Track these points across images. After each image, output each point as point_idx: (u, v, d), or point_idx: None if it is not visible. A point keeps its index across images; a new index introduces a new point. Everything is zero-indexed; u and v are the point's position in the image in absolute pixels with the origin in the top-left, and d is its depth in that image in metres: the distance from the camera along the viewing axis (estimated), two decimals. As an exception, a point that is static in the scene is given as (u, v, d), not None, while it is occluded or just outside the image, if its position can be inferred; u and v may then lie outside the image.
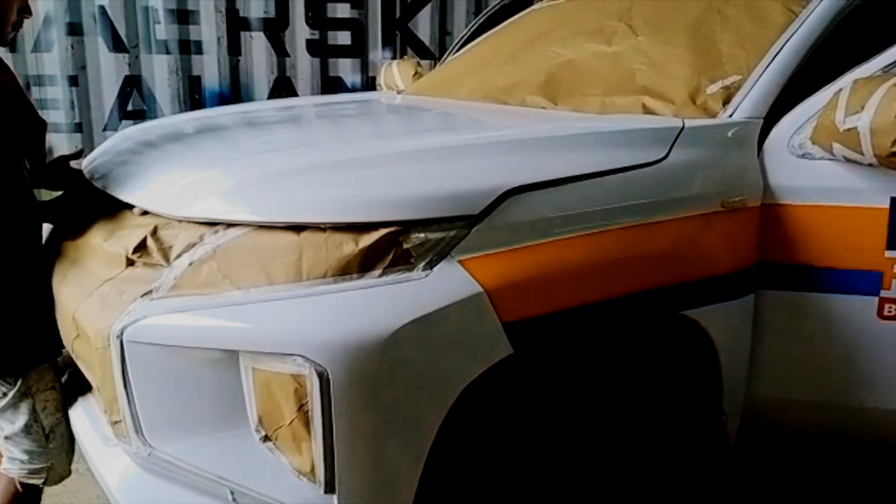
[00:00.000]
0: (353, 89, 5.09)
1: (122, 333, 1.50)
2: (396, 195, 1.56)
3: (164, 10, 4.53)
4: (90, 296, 1.62)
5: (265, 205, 1.58)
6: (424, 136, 2.18)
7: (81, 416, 1.86)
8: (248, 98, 4.93)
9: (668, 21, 2.48)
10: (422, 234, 1.52)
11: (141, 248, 1.61)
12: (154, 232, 1.62)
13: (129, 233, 1.67)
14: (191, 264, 1.54)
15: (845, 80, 1.92)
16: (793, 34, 2.13)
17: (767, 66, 2.07)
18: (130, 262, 1.62)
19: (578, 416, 1.79)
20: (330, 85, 5.09)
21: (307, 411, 1.42)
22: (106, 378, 1.55)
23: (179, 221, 1.64)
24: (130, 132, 2.37)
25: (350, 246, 1.49)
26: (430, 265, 1.51)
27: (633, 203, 1.75)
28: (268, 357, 1.44)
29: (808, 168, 1.94)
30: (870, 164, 1.80)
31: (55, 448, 1.85)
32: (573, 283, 1.64)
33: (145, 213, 1.70)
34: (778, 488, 2.42)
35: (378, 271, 1.49)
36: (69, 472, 1.92)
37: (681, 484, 2.00)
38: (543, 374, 1.70)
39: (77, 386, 1.92)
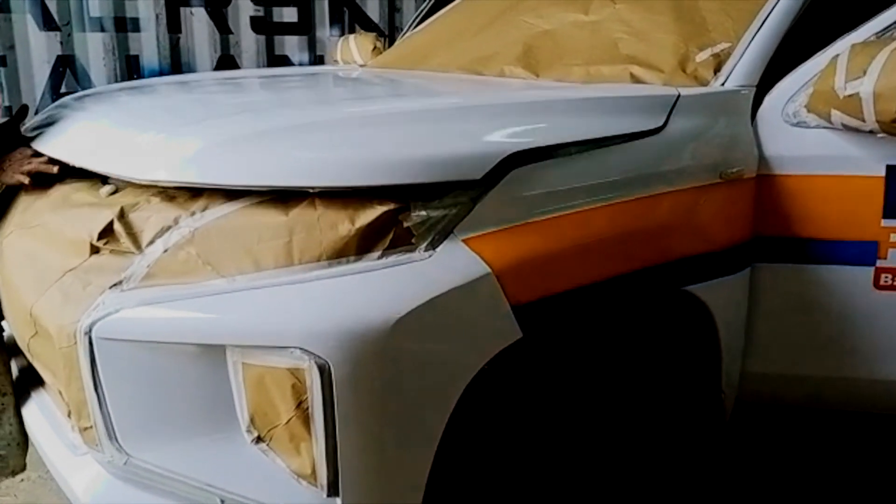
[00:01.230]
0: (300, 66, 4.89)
1: (90, 330, 1.34)
2: (393, 156, 1.42)
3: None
4: (49, 288, 1.44)
5: (245, 167, 1.41)
6: (411, 99, 2.04)
7: (39, 419, 1.68)
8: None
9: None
10: (423, 212, 1.39)
11: (107, 233, 1.44)
12: (121, 215, 1.45)
13: (92, 216, 1.49)
14: (166, 250, 1.39)
15: (840, 46, 1.87)
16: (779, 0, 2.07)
17: (757, 32, 2.01)
18: (95, 250, 1.45)
19: (583, 398, 1.70)
20: (276, 63, 4.88)
21: (306, 408, 1.29)
22: (72, 380, 1.39)
23: (149, 200, 1.47)
24: (68, 100, 2.16)
25: (346, 226, 1.36)
26: (433, 245, 1.39)
27: (637, 174, 1.67)
28: (260, 351, 1.30)
29: (802, 137, 1.88)
30: (870, 131, 1.75)
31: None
32: (580, 261, 1.55)
33: (115, 192, 1.52)
34: (772, 463, 2.39)
35: (377, 253, 1.36)
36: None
37: (681, 461, 1.94)
38: (549, 357, 1.60)
39: (29, 382, 1.74)
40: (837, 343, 1.98)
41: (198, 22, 4.60)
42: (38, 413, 1.67)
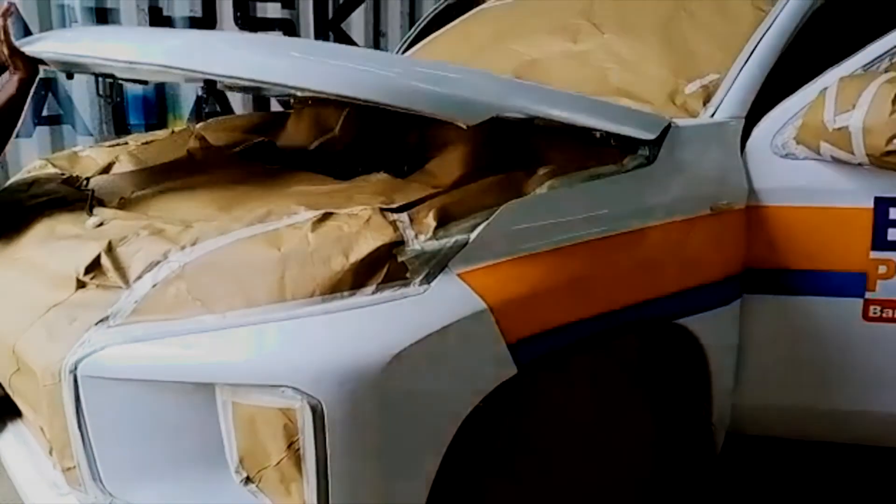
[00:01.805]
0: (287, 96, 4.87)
1: (75, 368, 1.31)
2: None
3: (81, 9, 4.20)
4: (33, 324, 1.41)
5: None
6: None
7: (18, 456, 1.63)
8: (174, 103, 4.65)
9: (634, 18, 2.42)
10: (417, 246, 1.38)
11: (94, 267, 1.41)
12: (109, 248, 1.42)
13: (79, 249, 1.46)
14: (154, 286, 1.36)
15: (828, 79, 1.89)
16: (766, 31, 2.09)
17: (745, 64, 2.02)
18: (81, 284, 1.42)
19: (575, 432, 1.68)
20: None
21: (298, 449, 1.26)
22: (56, 419, 1.35)
23: (137, 233, 1.45)
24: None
25: (340, 260, 1.34)
26: (428, 279, 1.37)
27: (629, 206, 1.66)
28: (250, 390, 1.27)
29: (791, 169, 1.89)
30: (860, 164, 1.76)
31: None
32: (573, 296, 1.53)
33: (101, 224, 1.49)
34: (763, 497, 2.38)
35: (371, 288, 1.34)
36: None
37: (672, 495, 1.92)
38: (542, 392, 1.58)
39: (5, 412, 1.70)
40: (827, 375, 1.98)
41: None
42: (17, 450, 1.62)
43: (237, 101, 4.85)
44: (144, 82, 2.28)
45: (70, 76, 2.12)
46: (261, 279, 1.33)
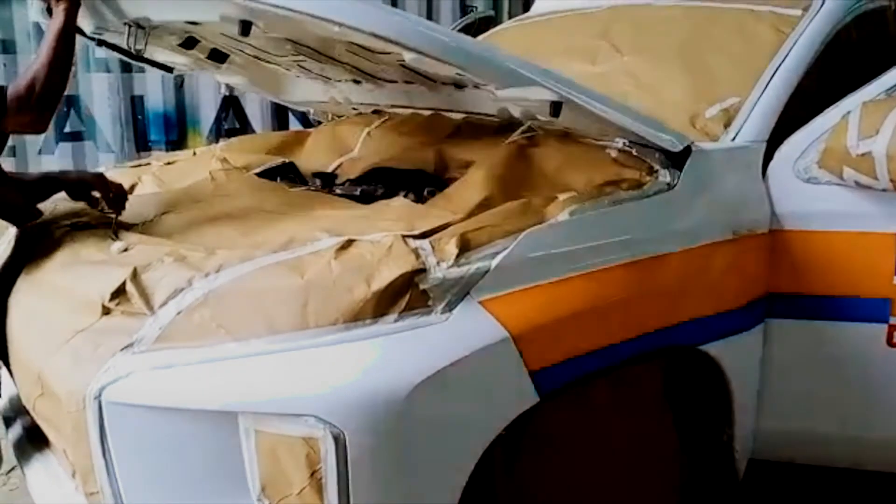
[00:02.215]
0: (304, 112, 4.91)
1: (100, 394, 1.32)
2: None
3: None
4: (59, 349, 1.42)
5: None
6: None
7: (42, 479, 1.65)
8: (193, 119, 4.70)
9: (654, 41, 2.42)
10: (439, 274, 1.38)
11: (119, 293, 1.42)
12: (134, 275, 1.43)
13: (104, 275, 1.48)
14: (179, 312, 1.37)
15: (849, 103, 1.88)
16: (787, 54, 2.09)
17: (766, 88, 2.02)
18: (106, 311, 1.43)
19: (599, 458, 1.67)
20: (280, 105, 4.89)
21: (320, 478, 1.26)
22: (80, 444, 1.36)
23: (162, 259, 1.46)
24: None
25: (362, 289, 1.34)
26: (450, 307, 1.37)
27: (652, 231, 1.66)
28: (273, 418, 1.28)
29: (814, 193, 1.88)
30: (884, 190, 1.75)
31: None
32: (595, 323, 1.52)
33: (125, 249, 1.51)
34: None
35: (393, 316, 1.34)
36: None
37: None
38: (563, 422, 1.57)
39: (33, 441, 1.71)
40: (851, 400, 1.96)
41: (203, 63, 4.63)
42: (42, 475, 1.64)
43: (256, 118, 4.90)
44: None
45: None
46: (284, 307, 1.34)
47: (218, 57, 2.45)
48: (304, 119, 4.95)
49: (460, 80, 2.03)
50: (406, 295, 1.35)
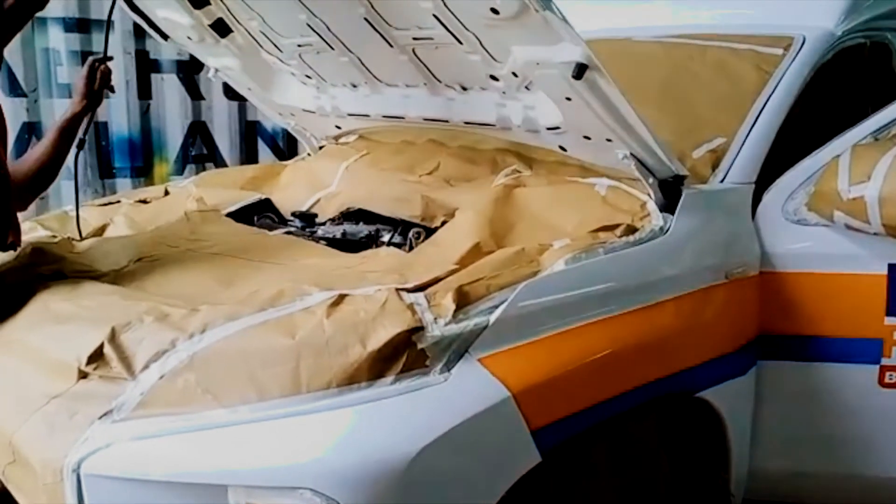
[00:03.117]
0: (273, 134, 4.83)
1: (78, 466, 1.23)
2: None
3: (66, 52, 4.14)
4: (32, 415, 1.33)
5: None
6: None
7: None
8: (160, 146, 4.58)
9: (634, 77, 2.39)
10: (437, 332, 1.33)
11: (97, 357, 1.34)
12: (112, 336, 1.35)
13: (80, 335, 1.39)
14: (162, 377, 1.29)
15: (837, 146, 1.88)
16: (771, 94, 2.09)
17: (752, 128, 2.02)
18: (83, 375, 1.34)
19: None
20: (249, 130, 4.81)
21: (315, 553, 1.19)
22: (56, 519, 1.27)
23: (142, 318, 1.38)
24: None
25: (357, 349, 1.28)
26: (448, 366, 1.32)
27: (645, 279, 1.63)
28: (265, 491, 1.20)
29: (804, 235, 1.88)
30: (875, 234, 1.75)
31: None
32: (594, 377, 1.48)
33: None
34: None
35: (390, 378, 1.28)
36: None
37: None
38: (564, 478, 1.52)
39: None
40: (844, 441, 1.95)
41: (169, 88, 4.52)
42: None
43: (224, 144, 4.80)
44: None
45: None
46: (274, 370, 1.27)
47: (221, 29, 2.36)
48: (274, 145, 4.88)
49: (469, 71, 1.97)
50: (403, 355, 1.29)
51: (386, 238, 1.99)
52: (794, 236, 1.88)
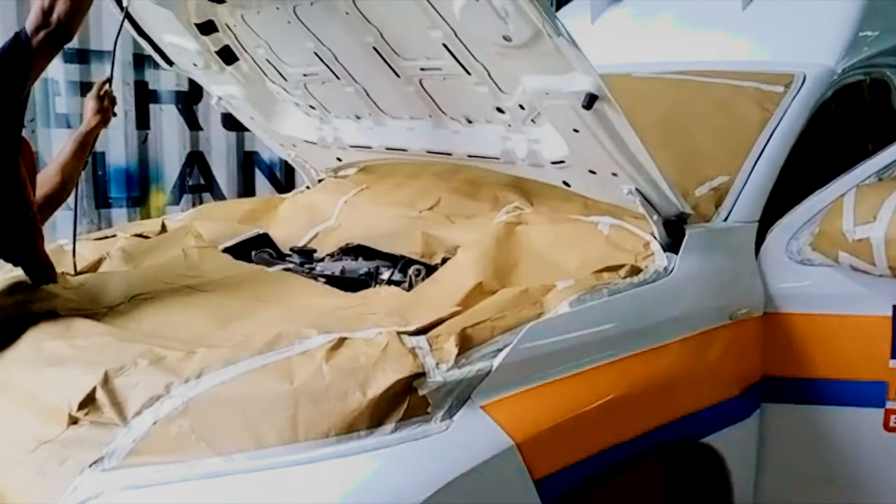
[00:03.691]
0: (271, 165, 4.82)
1: (68, 516, 1.19)
2: None
3: (65, 82, 4.15)
4: (21, 461, 1.29)
5: None
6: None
7: None
8: (157, 176, 4.57)
9: (641, 118, 2.38)
10: (439, 378, 1.29)
11: (89, 402, 1.30)
12: (105, 380, 1.32)
13: (71, 379, 1.36)
14: (155, 423, 1.26)
15: (842, 185, 1.86)
16: (773, 132, 2.08)
17: (754, 166, 2.00)
18: (74, 420, 1.30)
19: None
20: (246, 160, 4.81)
21: None
22: (43, 570, 1.22)
23: (136, 362, 1.35)
24: None
25: (357, 396, 1.25)
26: (450, 413, 1.29)
27: (649, 322, 1.60)
28: (262, 543, 1.16)
29: (808, 275, 1.86)
30: (881, 275, 1.73)
31: None
32: (598, 424, 1.45)
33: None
34: None
35: (391, 425, 1.25)
36: None
37: None
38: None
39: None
40: (848, 485, 1.91)
41: (167, 118, 4.52)
42: None
43: (222, 174, 4.79)
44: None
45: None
46: (272, 417, 1.24)
47: (227, 56, 2.36)
48: (272, 176, 4.87)
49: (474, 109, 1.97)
50: (404, 402, 1.26)
51: (385, 276, 1.96)
52: (799, 276, 1.85)
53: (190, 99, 4.60)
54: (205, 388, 1.28)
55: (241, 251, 2.24)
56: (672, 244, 1.76)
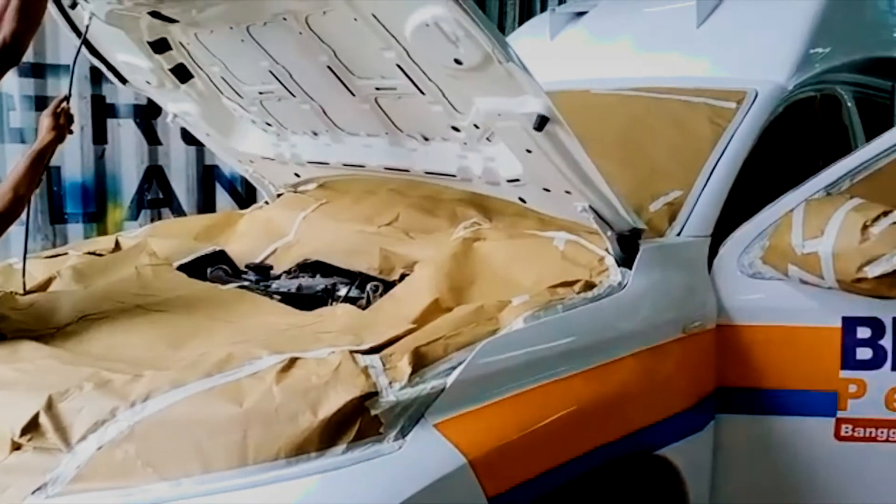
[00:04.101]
0: (232, 179, 4.78)
1: (8, 547, 1.16)
2: None
3: (20, 97, 4.07)
4: (-41, 491, 1.25)
5: None
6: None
7: None
8: (115, 191, 4.50)
9: (594, 130, 2.41)
10: (392, 397, 1.29)
11: (31, 427, 1.27)
12: (49, 405, 1.29)
13: (14, 404, 1.32)
14: (100, 448, 1.23)
15: (791, 200, 1.90)
16: (725, 147, 2.11)
17: (707, 182, 2.03)
18: (16, 446, 1.27)
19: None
20: (206, 174, 4.75)
21: None
22: None
23: (81, 386, 1.32)
24: None
25: (307, 417, 1.24)
26: (403, 433, 1.28)
27: (603, 336, 1.61)
28: (210, 570, 1.14)
29: (759, 288, 1.88)
30: (829, 288, 1.76)
31: None
32: (554, 439, 1.45)
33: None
34: None
35: (342, 447, 1.24)
36: None
37: None
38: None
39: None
40: (802, 495, 1.94)
41: (125, 133, 4.46)
42: None
43: (181, 188, 4.73)
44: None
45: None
46: (220, 440, 1.22)
47: (182, 74, 2.33)
48: (233, 190, 4.82)
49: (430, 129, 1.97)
50: (356, 422, 1.25)
51: (342, 292, 1.95)
52: (750, 289, 1.88)
53: (148, 113, 4.54)
54: (151, 411, 1.26)
55: (196, 269, 2.21)
56: (627, 259, 1.78)
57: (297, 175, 2.66)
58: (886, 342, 1.84)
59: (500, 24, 6.77)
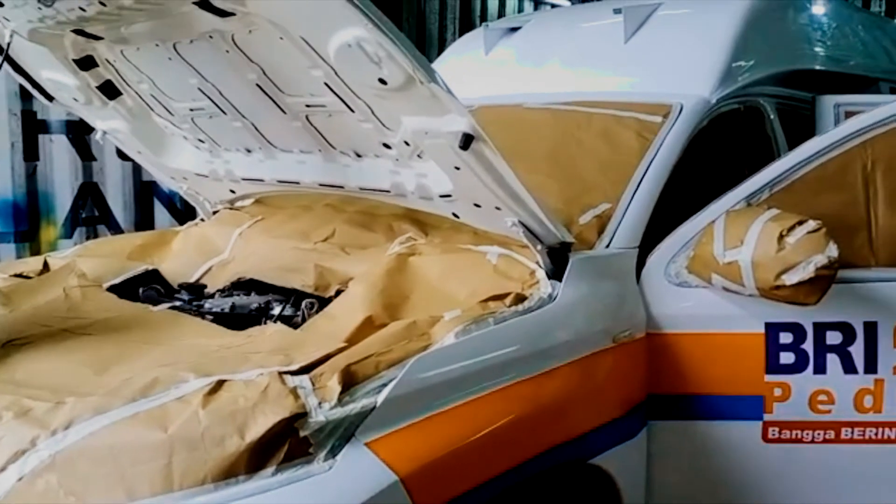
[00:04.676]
0: (171, 195, 4.70)
1: (-80, 586, 1.12)
2: None
3: (-49, 110, 3.96)
4: None
5: None
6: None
7: None
8: (48, 208, 4.38)
9: (525, 144, 2.46)
10: (321, 417, 1.29)
11: (-52, 460, 1.23)
12: (-34, 436, 1.25)
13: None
14: (20, 479, 1.20)
15: (713, 211, 1.96)
16: (652, 160, 2.17)
17: (634, 194, 2.08)
18: (-69, 480, 1.23)
19: None
20: (144, 190, 4.67)
21: None
22: None
23: (0, 415, 1.29)
24: None
25: (234, 440, 1.23)
26: (333, 452, 1.28)
27: (534, 348, 1.64)
28: None
29: (686, 296, 1.94)
30: (750, 295, 1.82)
31: None
32: (485, 452, 1.47)
33: None
34: None
35: (271, 469, 1.23)
36: None
37: None
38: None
39: None
40: (733, 496, 1.99)
41: (58, 149, 4.36)
42: None
43: (118, 205, 4.64)
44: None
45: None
46: (145, 467, 1.20)
47: (110, 91, 2.28)
48: (172, 206, 4.75)
49: (359, 144, 1.97)
50: (285, 444, 1.25)
51: (277, 311, 1.94)
52: (677, 298, 1.93)
53: (82, 129, 4.44)
54: (73, 440, 1.24)
55: (128, 289, 2.18)
56: (557, 271, 1.81)
57: (232, 191, 2.63)
58: (808, 346, 1.91)
59: (440, 38, 6.85)
